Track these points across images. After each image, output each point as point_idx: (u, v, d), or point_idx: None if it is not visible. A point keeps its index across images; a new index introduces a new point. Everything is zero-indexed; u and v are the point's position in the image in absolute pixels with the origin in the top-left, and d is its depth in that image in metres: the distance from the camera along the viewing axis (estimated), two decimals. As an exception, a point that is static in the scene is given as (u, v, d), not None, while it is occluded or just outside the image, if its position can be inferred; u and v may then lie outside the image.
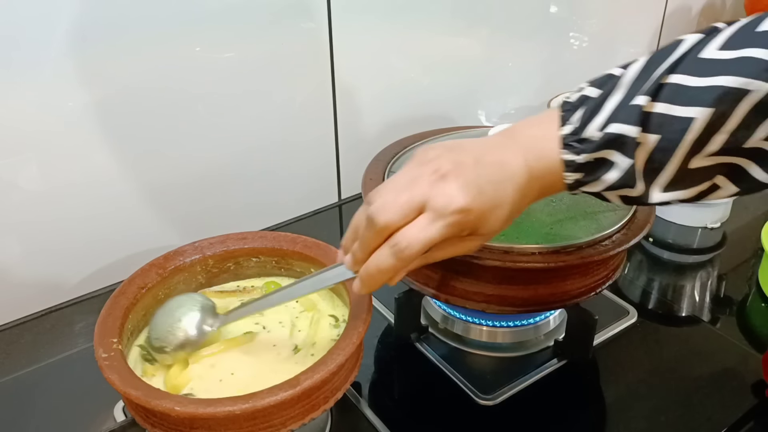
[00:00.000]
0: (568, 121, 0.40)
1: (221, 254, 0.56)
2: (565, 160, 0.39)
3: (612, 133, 0.38)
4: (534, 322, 0.63)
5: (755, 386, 0.58)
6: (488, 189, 0.39)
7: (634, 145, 0.37)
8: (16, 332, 0.66)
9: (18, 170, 0.62)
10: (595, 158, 0.39)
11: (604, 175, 0.39)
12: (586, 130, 0.39)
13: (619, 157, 0.38)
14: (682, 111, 0.36)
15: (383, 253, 0.40)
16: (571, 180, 0.40)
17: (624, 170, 0.38)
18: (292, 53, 0.75)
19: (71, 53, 0.60)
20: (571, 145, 0.39)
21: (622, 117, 0.37)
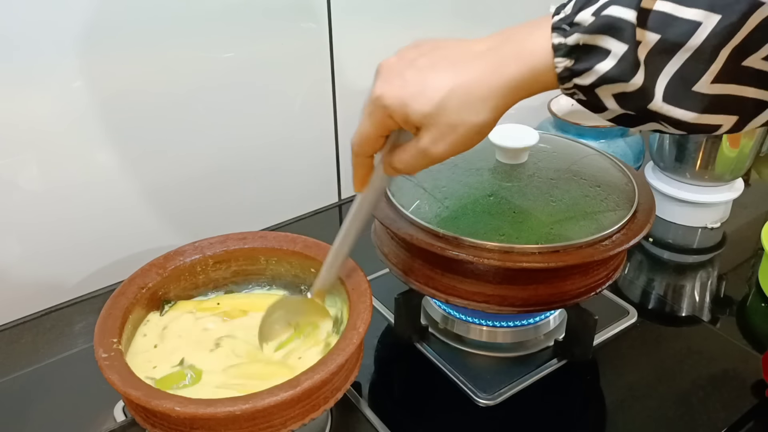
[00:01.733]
0: (561, 11, 0.38)
1: (221, 254, 0.56)
2: (554, 44, 0.37)
3: (607, 16, 0.35)
4: (534, 322, 0.63)
5: (755, 386, 0.58)
6: (413, 77, 0.39)
7: (632, 32, 0.34)
8: (16, 332, 0.66)
9: (18, 170, 0.62)
10: (586, 43, 0.36)
11: (597, 63, 0.36)
12: (579, 15, 0.36)
13: (615, 43, 0.35)
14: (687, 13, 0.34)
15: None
16: (561, 67, 0.37)
17: (619, 57, 0.35)
18: (292, 53, 0.75)
19: (71, 53, 0.60)
20: (561, 29, 0.37)
21: (620, 2, 0.35)
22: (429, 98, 0.39)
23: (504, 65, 0.38)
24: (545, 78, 0.38)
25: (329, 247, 0.55)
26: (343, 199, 0.89)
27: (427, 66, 0.40)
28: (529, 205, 0.56)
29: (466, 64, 0.39)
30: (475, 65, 0.38)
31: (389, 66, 0.41)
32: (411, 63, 0.40)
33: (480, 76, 0.38)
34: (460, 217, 0.55)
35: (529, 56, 0.37)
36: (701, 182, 0.82)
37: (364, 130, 0.42)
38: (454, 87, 0.38)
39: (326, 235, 0.57)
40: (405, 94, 0.39)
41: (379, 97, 0.40)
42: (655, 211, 0.57)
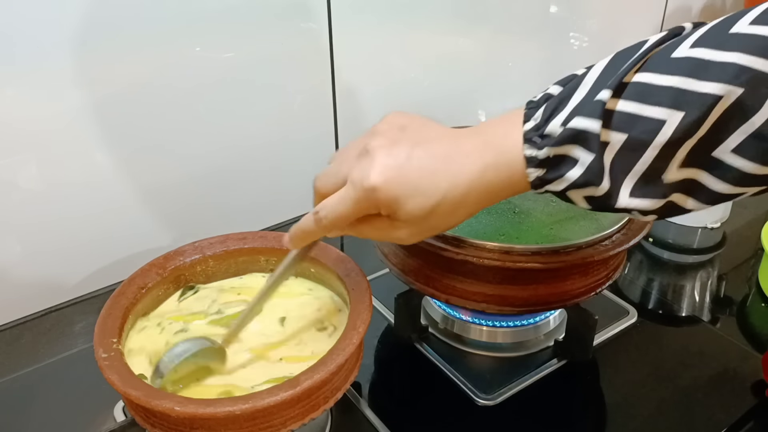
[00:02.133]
0: (531, 118, 0.39)
1: (221, 254, 0.56)
2: (527, 156, 0.38)
3: (574, 128, 0.36)
4: (534, 322, 0.63)
5: (755, 386, 0.58)
6: (411, 172, 0.39)
7: (597, 141, 0.36)
8: (16, 332, 0.66)
9: (18, 170, 0.62)
10: (556, 154, 0.38)
11: (567, 172, 0.38)
12: (548, 126, 0.38)
13: (582, 153, 0.37)
14: (651, 111, 0.35)
15: (308, 216, 0.43)
16: (534, 176, 0.39)
17: (586, 166, 0.37)
18: (292, 53, 0.75)
19: (71, 53, 0.60)
20: (532, 141, 0.38)
21: (584, 112, 0.36)
22: (422, 204, 0.39)
23: (486, 173, 0.39)
24: (520, 185, 0.40)
25: (329, 247, 0.55)
26: (343, 199, 0.89)
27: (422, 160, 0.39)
28: (529, 205, 0.56)
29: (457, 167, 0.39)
30: (464, 170, 0.39)
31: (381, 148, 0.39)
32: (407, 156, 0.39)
33: (469, 184, 0.39)
34: (460, 217, 0.55)
35: (506, 168, 0.39)
36: (701, 182, 0.82)
37: (344, 211, 0.41)
38: (447, 195, 0.39)
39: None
40: (400, 193, 0.39)
41: (374, 189, 0.39)
42: (655, 211, 0.57)
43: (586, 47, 1.05)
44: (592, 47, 1.06)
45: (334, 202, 0.41)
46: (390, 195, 0.39)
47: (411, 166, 0.39)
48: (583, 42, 1.05)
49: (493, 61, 0.95)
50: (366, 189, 0.39)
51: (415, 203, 0.39)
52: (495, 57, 0.95)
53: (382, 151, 0.39)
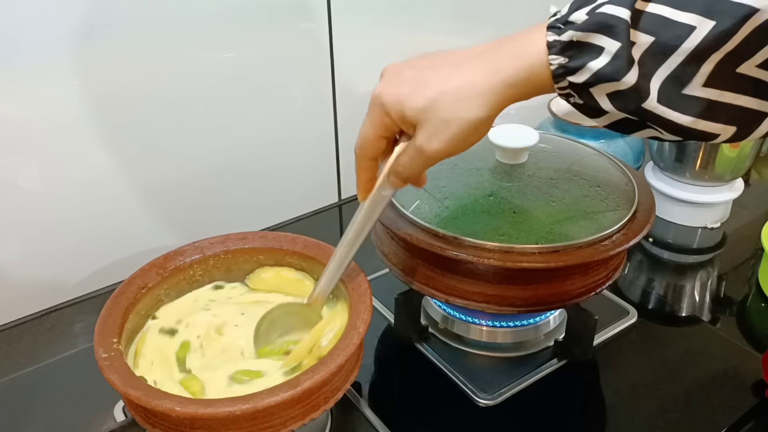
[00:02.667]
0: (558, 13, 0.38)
1: (221, 254, 0.56)
2: (549, 42, 0.37)
3: (601, 14, 0.35)
4: (534, 322, 0.63)
5: (755, 386, 0.58)
6: (411, 74, 0.40)
7: (625, 30, 0.35)
8: (16, 332, 0.66)
9: (18, 170, 0.62)
10: (580, 40, 0.36)
11: (591, 60, 0.36)
12: (574, 14, 0.36)
13: (608, 41, 0.35)
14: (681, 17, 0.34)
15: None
16: (556, 64, 0.37)
17: (613, 54, 0.35)
18: (292, 53, 0.75)
19: (71, 53, 0.60)
20: (556, 27, 0.37)
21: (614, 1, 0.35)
22: (423, 95, 0.39)
23: (500, 63, 0.38)
24: (541, 77, 0.38)
25: (329, 247, 0.55)
26: (343, 199, 0.89)
27: (426, 67, 0.41)
28: (529, 205, 0.56)
29: (464, 64, 0.40)
30: (472, 64, 0.39)
31: (391, 69, 0.42)
32: (412, 65, 0.41)
33: (476, 73, 0.39)
34: (460, 217, 0.55)
35: (525, 55, 0.38)
36: (701, 182, 0.82)
37: (364, 131, 0.43)
38: (449, 83, 0.39)
39: (326, 235, 0.57)
40: (401, 91, 0.40)
41: (378, 95, 0.41)
42: (655, 211, 0.57)
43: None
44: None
45: (363, 126, 0.43)
46: (391, 96, 0.40)
47: (412, 71, 0.41)
48: (583, 42, 1.05)
49: (493, 61, 0.95)
50: (372, 99, 0.41)
51: (416, 97, 0.40)
52: (495, 57, 0.95)
53: (390, 68, 0.42)
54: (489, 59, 0.39)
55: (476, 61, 0.39)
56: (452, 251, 0.51)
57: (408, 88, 0.40)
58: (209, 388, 0.46)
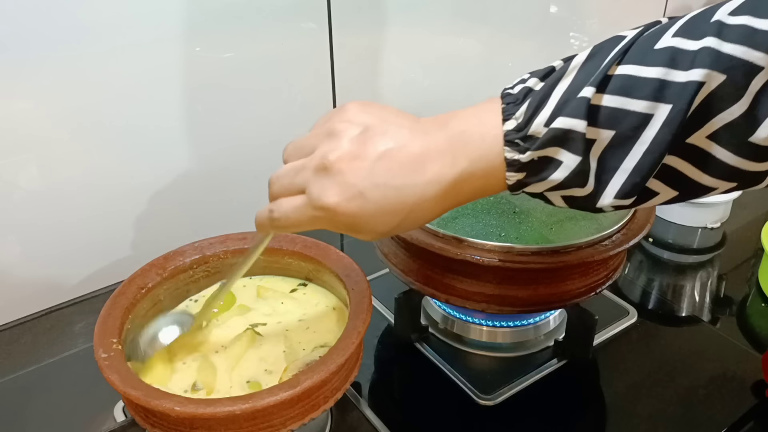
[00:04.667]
0: (512, 116, 0.36)
1: (221, 254, 0.56)
2: (508, 159, 0.36)
3: (558, 128, 0.34)
4: (534, 322, 0.63)
5: (755, 386, 0.58)
6: (374, 193, 0.36)
7: (582, 142, 0.34)
8: (16, 332, 0.66)
9: (18, 170, 0.62)
10: (539, 156, 0.35)
11: (550, 175, 0.36)
12: (531, 127, 0.35)
13: (566, 155, 0.35)
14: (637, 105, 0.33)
15: (264, 212, 0.41)
16: (513, 180, 0.36)
17: (572, 169, 0.35)
18: (292, 53, 0.75)
19: (71, 53, 0.60)
20: (514, 143, 0.35)
21: (568, 111, 0.34)
22: (386, 221, 0.37)
23: (459, 181, 0.36)
24: (496, 188, 0.38)
25: (329, 247, 0.55)
26: (343, 199, 0.89)
27: (387, 175, 0.36)
28: (529, 205, 0.56)
29: (425, 178, 0.36)
30: (433, 181, 0.36)
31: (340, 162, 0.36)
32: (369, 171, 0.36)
33: (438, 194, 0.37)
34: (460, 217, 0.55)
35: (482, 173, 0.36)
36: (701, 182, 0.82)
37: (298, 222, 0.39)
38: (413, 209, 0.37)
39: (326, 235, 0.57)
40: (361, 215, 0.36)
41: (333, 211, 0.36)
42: (655, 211, 0.57)
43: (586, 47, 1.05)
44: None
45: (287, 209, 0.39)
46: (350, 216, 0.36)
47: (375, 184, 0.36)
48: (583, 42, 1.05)
49: (493, 61, 0.95)
50: (325, 209, 0.36)
51: (377, 222, 0.37)
52: (495, 57, 0.95)
53: (342, 166, 0.36)
54: (445, 176, 0.36)
55: (435, 178, 0.36)
56: (452, 251, 0.51)
57: (369, 212, 0.36)
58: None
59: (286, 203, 0.39)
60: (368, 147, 0.36)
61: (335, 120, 0.38)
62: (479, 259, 0.51)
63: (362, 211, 0.36)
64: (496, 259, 0.51)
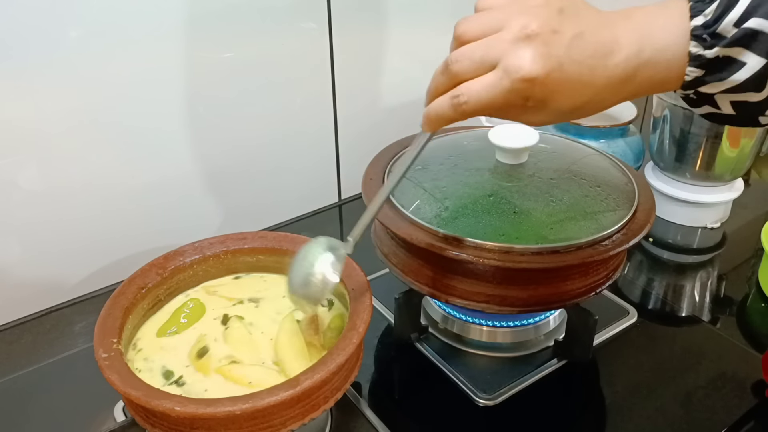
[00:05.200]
0: (701, 13, 0.37)
1: (221, 254, 0.56)
2: (692, 54, 0.36)
3: (750, 28, 0.35)
4: (534, 322, 0.63)
5: (755, 386, 0.58)
6: (571, 67, 0.37)
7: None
8: (16, 332, 0.66)
9: (18, 170, 0.62)
10: (724, 55, 0.36)
11: (731, 75, 0.36)
12: (721, 24, 0.35)
13: (752, 57, 0.35)
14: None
15: (444, 100, 0.40)
16: (692, 77, 0.37)
17: (755, 71, 0.35)
18: (292, 53, 0.75)
19: (71, 53, 0.60)
20: (701, 38, 0.36)
21: (761, 12, 0.35)
22: (575, 100, 0.38)
23: (641, 70, 0.38)
24: (671, 84, 0.38)
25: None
26: (343, 199, 0.89)
27: (582, 54, 0.37)
28: (529, 205, 0.56)
29: (613, 62, 0.37)
30: (620, 68, 0.37)
31: (540, 36, 0.37)
32: (567, 47, 0.37)
33: (622, 82, 0.38)
34: (460, 217, 0.55)
35: (664, 65, 0.37)
36: (701, 182, 0.82)
37: (491, 100, 0.38)
38: (600, 93, 0.38)
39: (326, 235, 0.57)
40: (556, 88, 0.37)
41: (532, 81, 0.36)
42: (655, 211, 0.57)
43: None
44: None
45: (479, 88, 0.38)
46: (547, 88, 0.37)
47: (572, 58, 0.37)
48: (583, 42, 1.05)
49: (493, 61, 0.95)
50: (524, 80, 0.36)
51: (569, 98, 0.38)
52: (495, 57, 0.95)
53: (542, 39, 0.36)
54: (630, 64, 0.37)
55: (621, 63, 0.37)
56: (452, 251, 0.51)
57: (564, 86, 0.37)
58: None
59: (477, 83, 0.38)
60: (565, 25, 0.37)
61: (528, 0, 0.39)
62: (479, 259, 0.51)
63: (558, 84, 0.37)
64: (496, 259, 0.51)
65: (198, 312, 0.54)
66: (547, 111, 0.39)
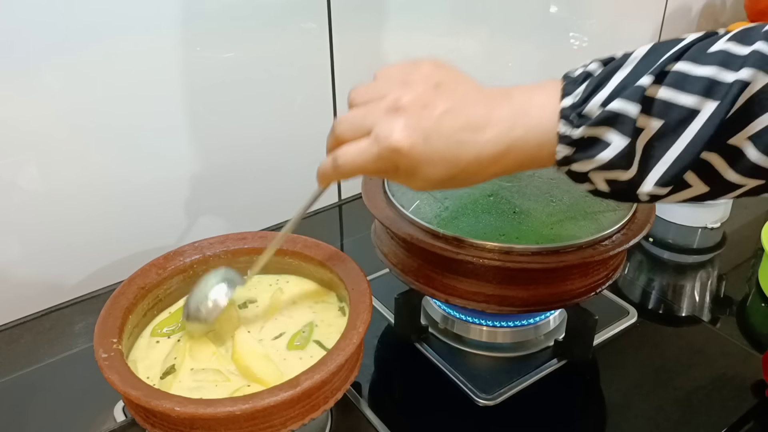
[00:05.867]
0: (570, 94, 0.38)
1: (221, 254, 0.56)
2: (560, 134, 0.38)
3: (613, 110, 0.36)
4: (534, 322, 0.63)
5: (755, 386, 0.58)
6: (437, 141, 0.38)
7: (633, 126, 0.36)
8: (16, 332, 0.66)
9: (18, 170, 0.62)
10: (590, 135, 0.37)
11: (598, 153, 0.37)
12: (588, 105, 0.37)
13: (616, 136, 0.37)
14: (687, 99, 0.35)
15: (328, 159, 0.43)
16: (562, 155, 0.38)
17: (620, 150, 0.37)
18: (293, 53, 0.75)
19: (70, 53, 0.60)
20: (569, 119, 0.38)
21: (625, 95, 0.36)
22: (443, 172, 0.39)
23: (513, 147, 0.39)
24: (544, 161, 0.39)
25: (329, 247, 0.55)
26: (343, 199, 0.89)
27: (451, 128, 0.38)
28: (529, 205, 0.56)
29: (484, 138, 0.38)
30: (490, 143, 0.39)
31: (411, 107, 0.39)
32: (437, 121, 0.38)
33: (493, 157, 0.39)
34: (460, 217, 0.55)
35: (535, 143, 0.38)
36: (701, 182, 0.82)
37: (363, 164, 0.40)
38: (468, 166, 0.39)
39: (326, 235, 0.57)
40: (423, 159, 0.39)
41: (398, 150, 0.38)
42: (655, 211, 0.57)
43: (586, 47, 1.05)
44: (592, 47, 1.06)
45: (353, 153, 0.40)
46: (412, 159, 0.38)
47: (440, 132, 0.38)
48: (583, 42, 1.05)
49: (493, 61, 0.95)
50: (390, 148, 0.38)
51: (435, 170, 0.39)
52: (494, 57, 0.95)
53: (413, 110, 0.38)
54: (502, 140, 0.38)
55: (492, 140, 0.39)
56: (452, 251, 0.51)
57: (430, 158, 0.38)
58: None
59: (351, 147, 0.40)
60: (438, 99, 0.39)
61: (410, 71, 0.41)
62: (479, 259, 0.51)
63: (424, 156, 0.38)
64: (496, 259, 0.51)
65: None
66: (416, 179, 0.40)
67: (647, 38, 1.17)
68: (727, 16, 1.29)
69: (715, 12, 1.27)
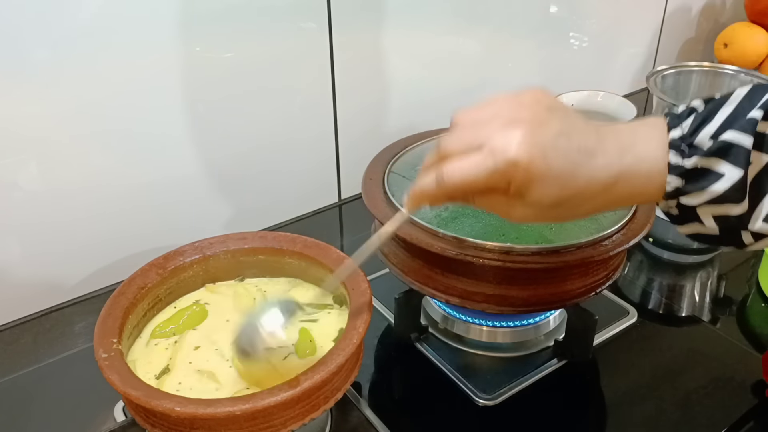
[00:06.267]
0: (678, 126, 0.38)
1: (221, 254, 0.56)
2: (671, 164, 0.37)
3: (726, 141, 0.36)
4: (534, 322, 0.63)
5: (755, 386, 0.58)
6: (555, 159, 0.37)
7: (746, 157, 0.35)
8: (16, 332, 0.66)
9: (18, 170, 0.62)
10: (702, 166, 0.37)
11: (710, 185, 0.36)
12: (697, 136, 0.37)
13: (729, 168, 0.36)
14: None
15: (429, 176, 0.40)
16: (673, 186, 0.38)
17: (733, 181, 0.36)
18: (292, 53, 0.75)
19: (70, 54, 0.60)
20: (680, 149, 0.37)
21: (737, 126, 0.36)
22: (557, 193, 0.38)
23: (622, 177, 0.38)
24: (653, 194, 0.39)
25: (329, 247, 0.55)
26: (342, 199, 0.89)
27: (568, 149, 0.38)
28: (529, 205, 0.56)
29: (597, 165, 0.38)
30: (603, 171, 0.38)
31: (529, 123, 0.37)
32: (554, 139, 0.37)
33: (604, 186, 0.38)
34: (460, 217, 0.55)
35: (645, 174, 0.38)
36: (701, 182, 0.82)
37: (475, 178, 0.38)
38: (581, 192, 0.38)
39: (326, 235, 0.57)
40: (539, 175, 0.37)
41: (515, 163, 0.36)
42: (655, 211, 0.57)
43: (586, 47, 1.05)
44: (592, 47, 1.06)
45: (465, 167, 0.38)
46: (530, 174, 0.37)
47: (557, 151, 0.37)
48: (583, 42, 1.05)
49: (493, 61, 0.95)
50: (508, 161, 0.36)
51: (549, 190, 0.38)
52: (495, 57, 0.95)
53: (530, 126, 0.37)
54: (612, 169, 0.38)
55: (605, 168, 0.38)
56: (452, 251, 0.51)
57: (547, 175, 0.37)
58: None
59: (462, 162, 0.38)
60: (553, 121, 0.38)
61: (520, 95, 0.39)
62: (479, 259, 0.51)
63: (539, 173, 0.37)
64: (496, 259, 0.51)
65: (197, 317, 0.54)
66: (526, 201, 0.39)
67: (647, 38, 1.17)
68: (727, 16, 1.29)
69: (715, 12, 1.27)
